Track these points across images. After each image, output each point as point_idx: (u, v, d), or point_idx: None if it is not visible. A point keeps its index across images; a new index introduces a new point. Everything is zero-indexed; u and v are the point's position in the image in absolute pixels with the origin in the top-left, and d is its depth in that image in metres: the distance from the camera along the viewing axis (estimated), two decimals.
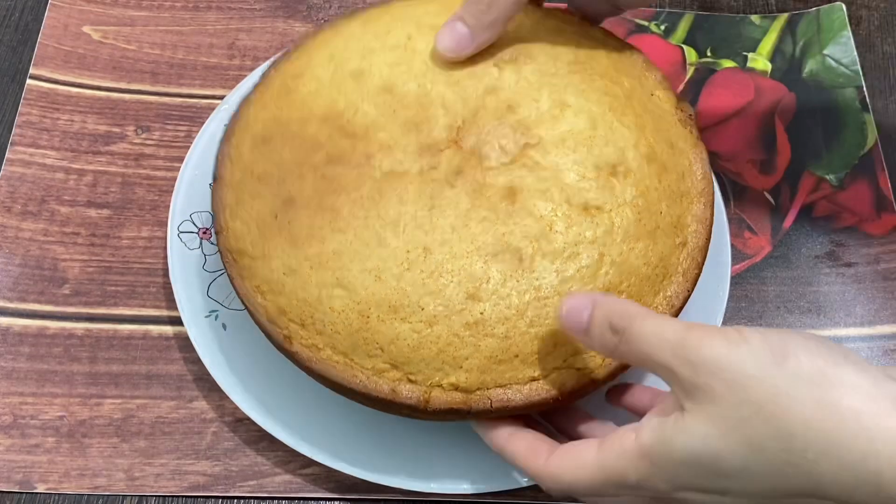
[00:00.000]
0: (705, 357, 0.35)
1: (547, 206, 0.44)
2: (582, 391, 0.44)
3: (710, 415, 0.35)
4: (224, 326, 0.51)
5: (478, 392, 0.43)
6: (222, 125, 0.56)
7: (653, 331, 0.37)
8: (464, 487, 0.48)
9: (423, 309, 0.42)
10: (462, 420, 0.44)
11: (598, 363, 0.43)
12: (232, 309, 0.52)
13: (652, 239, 0.45)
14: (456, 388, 0.43)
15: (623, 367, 0.44)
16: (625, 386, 0.46)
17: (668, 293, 0.45)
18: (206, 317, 0.51)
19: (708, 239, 0.47)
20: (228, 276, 0.47)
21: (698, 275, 0.46)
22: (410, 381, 0.43)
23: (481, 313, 0.42)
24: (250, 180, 0.46)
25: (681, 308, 0.46)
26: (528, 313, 0.42)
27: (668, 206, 0.46)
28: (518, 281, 0.43)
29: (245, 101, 0.50)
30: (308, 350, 0.44)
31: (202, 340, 0.50)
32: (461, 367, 0.42)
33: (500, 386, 0.43)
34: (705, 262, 0.47)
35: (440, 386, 0.43)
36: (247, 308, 0.46)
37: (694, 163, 0.48)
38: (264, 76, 0.51)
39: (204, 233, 0.54)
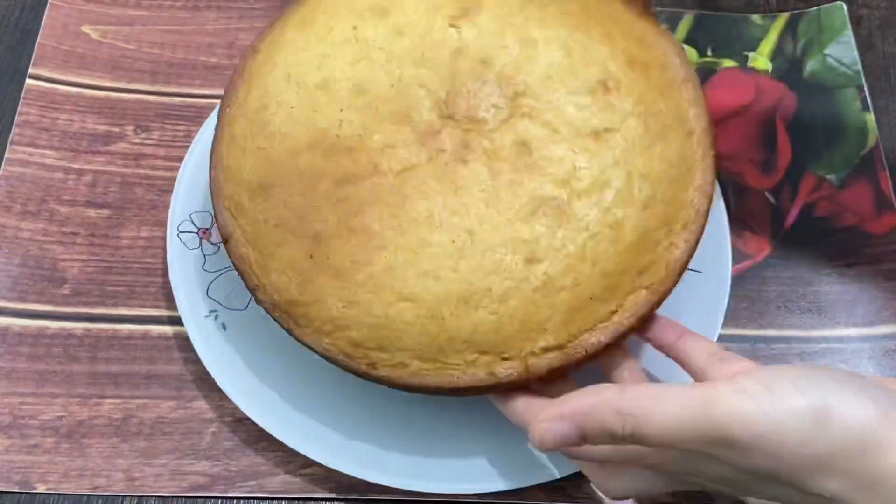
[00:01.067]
0: (738, 435, 0.33)
1: (561, 146, 0.44)
2: (656, 306, 0.44)
3: None
4: (224, 326, 0.51)
5: (570, 345, 0.43)
6: None
7: (666, 420, 0.34)
8: (464, 487, 0.48)
9: (490, 290, 0.42)
10: (564, 378, 0.44)
11: (662, 275, 0.44)
12: (232, 309, 0.52)
13: (664, 139, 0.45)
14: (548, 349, 0.43)
15: (682, 272, 0.45)
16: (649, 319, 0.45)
17: (697, 183, 0.45)
18: (206, 317, 0.51)
19: (709, 121, 0.47)
20: (285, 328, 0.45)
21: (715, 157, 0.46)
22: (504, 359, 0.43)
23: (545, 272, 0.42)
24: (267, 229, 0.45)
25: (711, 195, 0.46)
26: (588, 254, 0.43)
27: (665, 102, 0.46)
28: (566, 229, 0.43)
29: (214, 151, 0.48)
30: (395, 369, 0.44)
31: (202, 341, 0.50)
32: (546, 329, 0.43)
33: (587, 331, 0.43)
34: (706, 262, 0.47)
35: (533, 353, 0.43)
36: (315, 351, 0.45)
37: (667, 51, 0.48)
38: (221, 118, 0.49)
39: (203, 232, 0.54)
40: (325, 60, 0.47)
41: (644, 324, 0.45)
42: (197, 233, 0.54)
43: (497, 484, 0.48)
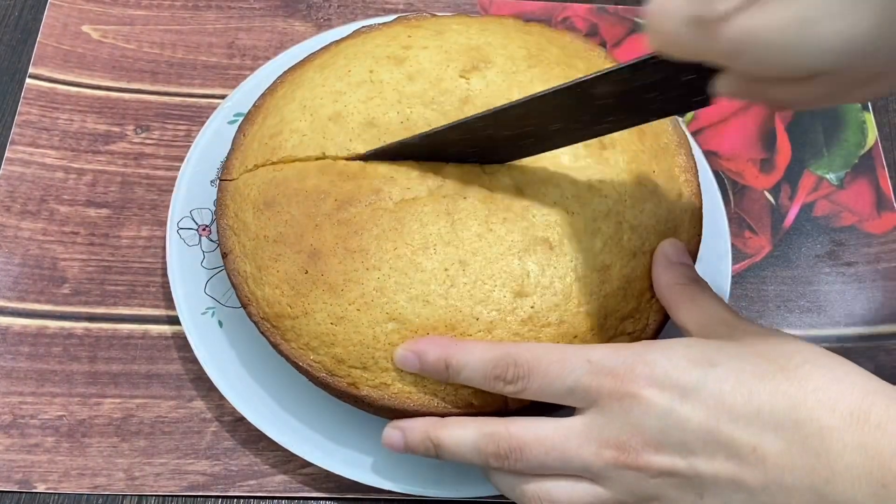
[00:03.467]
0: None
1: (556, 192, 0.46)
2: None
3: None
4: (220, 323, 0.51)
5: None
6: (225, 122, 0.57)
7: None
8: (456, 492, 0.48)
9: (478, 319, 0.44)
10: (542, 414, 0.45)
11: (643, 324, 0.46)
12: (228, 306, 0.52)
13: (655, 197, 0.48)
14: None
15: (664, 324, 0.46)
16: None
17: (683, 240, 0.48)
18: (203, 314, 0.51)
19: (698, 185, 0.50)
20: (271, 343, 0.46)
21: (701, 218, 0.49)
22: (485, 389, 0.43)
23: (532, 306, 0.44)
24: (266, 245, 0.46)
25: (696, 252, 0.48)
26: (574, 294, 0.44)
27: (658, 165, 0.49)
28: (555, 267, 0.45)
29: (225, 171, 0.50)
30: (377, 390, 0.44)
31: (198, 337, 0.50)
32: None
33: None
34: (704, 257, 0.48)
35: None
36: (299, 367, 0.46)
37: (663, 121, 0.51)
38: (235, 144, 0.51)
39: (203, 229, 0.54)
40: (339, 96, 0.49)
41: None
42: (197, 230, 0.54)
43: (490, 489, 0.48)
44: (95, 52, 0.64)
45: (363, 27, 0.55)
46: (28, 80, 0.63)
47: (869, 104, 0.64)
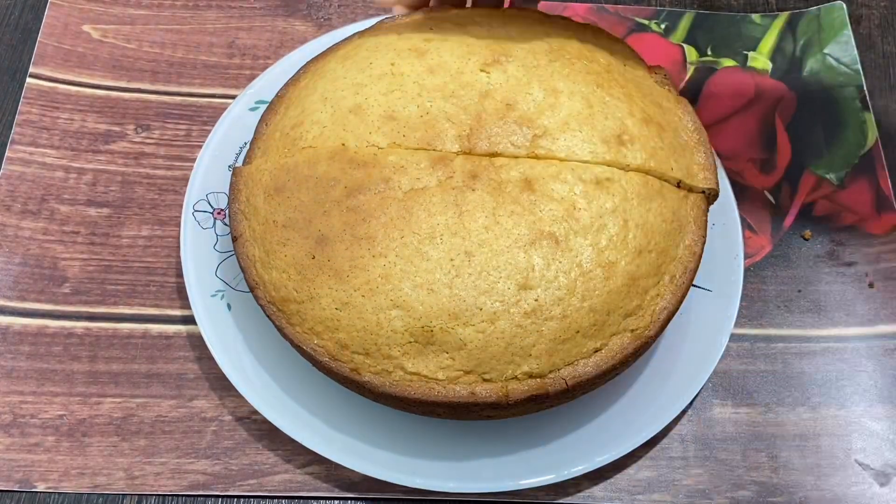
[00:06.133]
0: None
1: (563, 187, 0.46)
2: (640, 351, 0.47)
3: None
4: (229, 306, 0.52)
5: (551, 375, 0.44)
6: (246, 109, 0.57)
7: None
8: (462, 486, 0.48)
9: (481, 309, 0.44)
10: (541, 408, 0.45)
11: (647, 321, 0.46)
12: (238, 290, 0.52)
13: (661, 197, 0.48)
14: (530, 375, 0.44)
15: (667, 322, 0.47)
16: None
17: (687, 242, 0.48)
18: (213, 296, 0.52)
19: (717, 182, 0.50)
20: (276, 326, 0.47)
21: (706, 221, 0.49)
22: (485, 380, 0.44)
23: (536, 300, 0.44)
24: (275, 229, 0.47)
25: (700, 253, 0.48)
26: (578, 289, 0.45)
27: (676, 161, 0.48)
28: (560, 262, 0.45)
29: (247, 161, 0.51)
30: (379, 376, 0.45)
31: (206, 318, 0.51)
32: (530, 355, 0.44)
33: (569, 364, 0.45)
34: (718, 254, 0.48)
35: (515, 378, 0.44)
36: (302, 352, 0.46)
37: (683, 117, 0.51)
38: (257, 134, 0.51)
39: (218, 213, 0.55)
40: (360, 88, 0.49)
41: (631, 361, 0.47)
42: (212, 213, 0.54)
43: (499, 484, 0.48)
44: (96, 52, 0.64)
45: (386, 18, 0.55)
46: (28, 80, 0.63)
47: (869, 104, 0.64)
